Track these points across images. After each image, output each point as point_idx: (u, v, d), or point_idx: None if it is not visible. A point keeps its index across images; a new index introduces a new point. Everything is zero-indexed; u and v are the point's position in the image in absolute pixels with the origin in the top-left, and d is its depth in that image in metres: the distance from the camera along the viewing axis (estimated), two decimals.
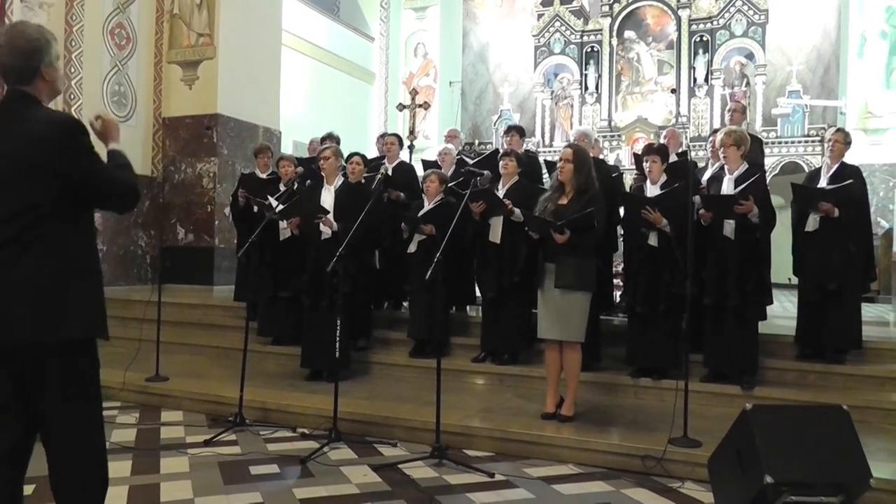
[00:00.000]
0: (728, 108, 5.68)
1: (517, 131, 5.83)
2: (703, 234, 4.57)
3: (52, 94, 2.18)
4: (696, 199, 4.48)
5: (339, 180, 5.16)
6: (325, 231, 5.00)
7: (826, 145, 4.91)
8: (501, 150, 5.54)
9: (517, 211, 4.85)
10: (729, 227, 4.46)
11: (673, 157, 5.46)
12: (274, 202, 5.18)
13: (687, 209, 4.11)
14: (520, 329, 5.09)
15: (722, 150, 4.58)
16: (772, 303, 4.77)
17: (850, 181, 4.64)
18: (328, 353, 4.50)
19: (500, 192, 4.99)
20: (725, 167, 4.62)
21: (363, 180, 5.52)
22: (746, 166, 4.53)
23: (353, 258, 4.94)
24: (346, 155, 5.45)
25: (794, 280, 5.04)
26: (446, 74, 15.49)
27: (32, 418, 2.07)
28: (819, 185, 4.80)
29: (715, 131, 5.81)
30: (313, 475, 3.54)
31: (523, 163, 5.22)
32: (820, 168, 5.09)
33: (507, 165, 5.05)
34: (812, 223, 4.74)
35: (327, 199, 5.07)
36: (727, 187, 4.51)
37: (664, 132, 6.13)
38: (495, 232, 5.04)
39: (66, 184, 2.03)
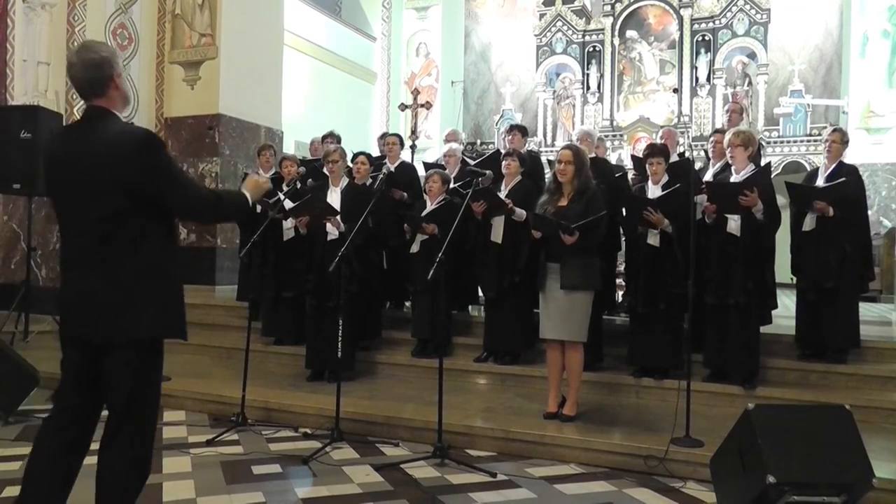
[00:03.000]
0: (726, 108, 5.70)
1: (519, 130, 5.82)
2: (706, 233, 4.56)
3: (125, 102, 2.32)
4: (698, 198, 4.46)
5: (343, 181, 5.17)
6: (332, 232, 5.00)
7: (823, 145, 4.93)
8: (503, 151, 5.54)
9: (518, 210, 4.85)
10: (734, 223, 4.45)
11: (674, 157, 5.45)
12: (283, 198, 5.17)
13: (688, 208, 4.10)
14: (521, 329, 5.09)
15: (729, 149, 4.56)
16: (776, 307, 4.75)
17: (844, 179, 4.64)
18: (333, 354, 4.50)
19: (503, 192, 4.98)
20: (732, 168, 4.60)
21: (370, 180, 5.51)
22: (753, 167, 4.52)
23: (359, 258, 4.95)
24: (350, 155, 5.45)
25: (794, 279, 5.04)
26: (448, 74, 15.49)
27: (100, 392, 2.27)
28: (816, 185, 4.80)
29: (716, 131, 5.81)
30: (315, 475, 3.55)
31: (526, 162, 5.21)
32: (818, 168, 5.10)
33: (510, 165, 5.04)
34: (809, 223, 4.75)
35: (334, 200, 5.06)
36: None
37: (660, 132, 6.13)
38: (496, 232, 5.04)
39: (139, 195, 2.14)
